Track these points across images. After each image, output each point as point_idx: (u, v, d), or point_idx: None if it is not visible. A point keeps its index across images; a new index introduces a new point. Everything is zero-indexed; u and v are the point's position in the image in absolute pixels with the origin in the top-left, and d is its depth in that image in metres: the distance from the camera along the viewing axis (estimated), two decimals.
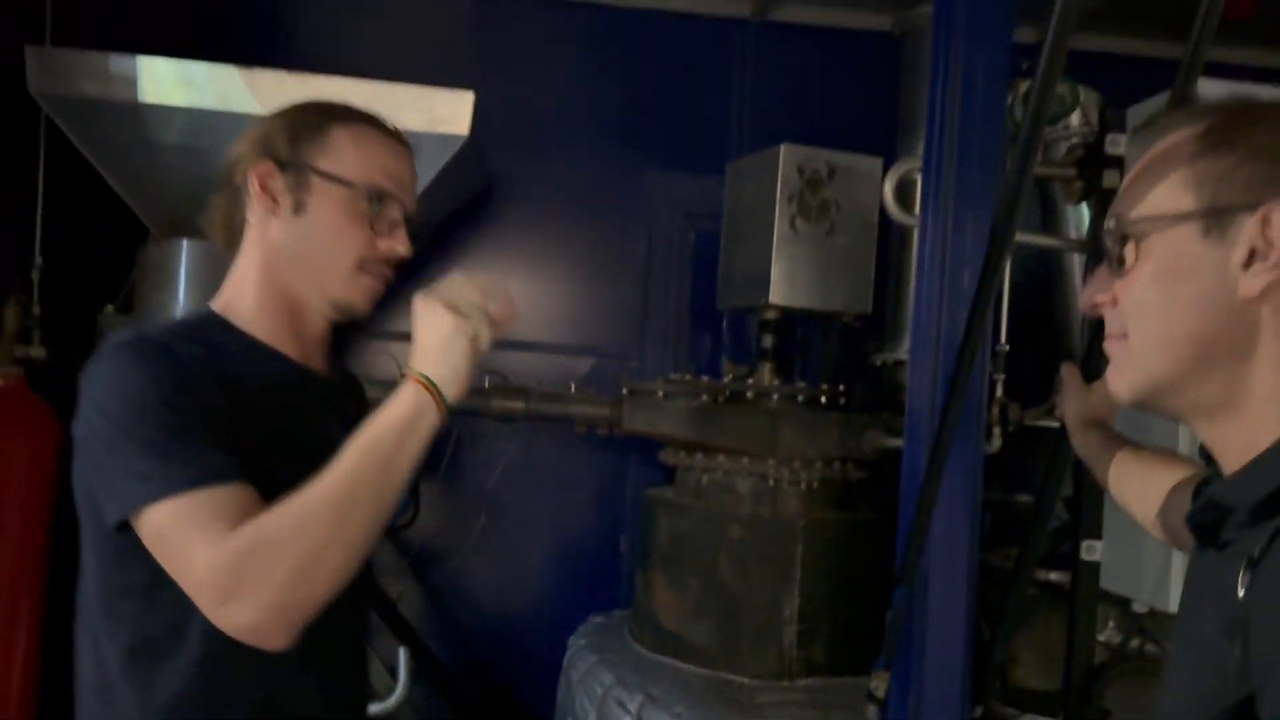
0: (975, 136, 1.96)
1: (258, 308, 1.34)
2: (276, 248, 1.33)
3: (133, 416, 1.16)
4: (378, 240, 1.35)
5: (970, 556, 1.98)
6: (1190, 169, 0.88)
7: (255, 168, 1.31)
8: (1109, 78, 2.88)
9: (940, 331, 1.96)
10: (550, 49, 3.75)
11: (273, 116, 1.36)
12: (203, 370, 1.23)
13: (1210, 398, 0.90)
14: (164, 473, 1.13)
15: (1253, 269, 0.85)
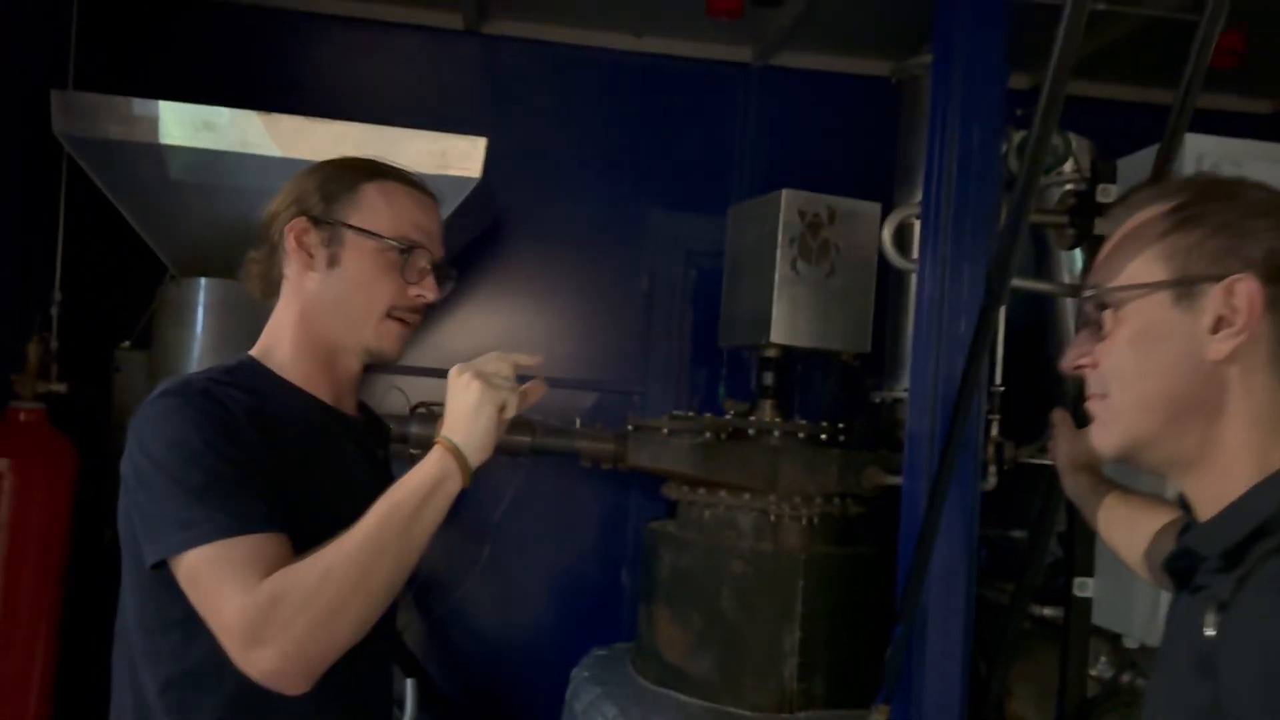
0: (971, 191, 2.04)
1: (294, 355, 1.41)
2: (312, 299, 1.40)
3: (176, 462, 1.22)
4: (408, 288, 1.41)
5: (968, 592, 2.05)
6: (1162, 243, 0.97)
7: (291, 225, 1.38)
8: (1103, 124, 2.98)
9: (938, 375, 2.03)
10: (558, 92, 3.86)
11: (306, 175, 1.43)
12: (245, 415, 1.29)
13: (1185, 453, 0.97)
14: (203, 520, 1.19)
15: (1220, 334, 0.93)
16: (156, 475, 1.23)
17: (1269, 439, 0.95)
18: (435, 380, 3.65)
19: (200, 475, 1.21)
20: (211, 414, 1.26)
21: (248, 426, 1.28)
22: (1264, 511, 0.91)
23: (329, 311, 1.40)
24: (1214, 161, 2.29)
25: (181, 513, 1.20)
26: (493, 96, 3.82)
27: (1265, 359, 0.94)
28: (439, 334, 3.78)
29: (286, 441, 1.32)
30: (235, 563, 1.17)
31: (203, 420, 1.25)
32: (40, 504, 2.60)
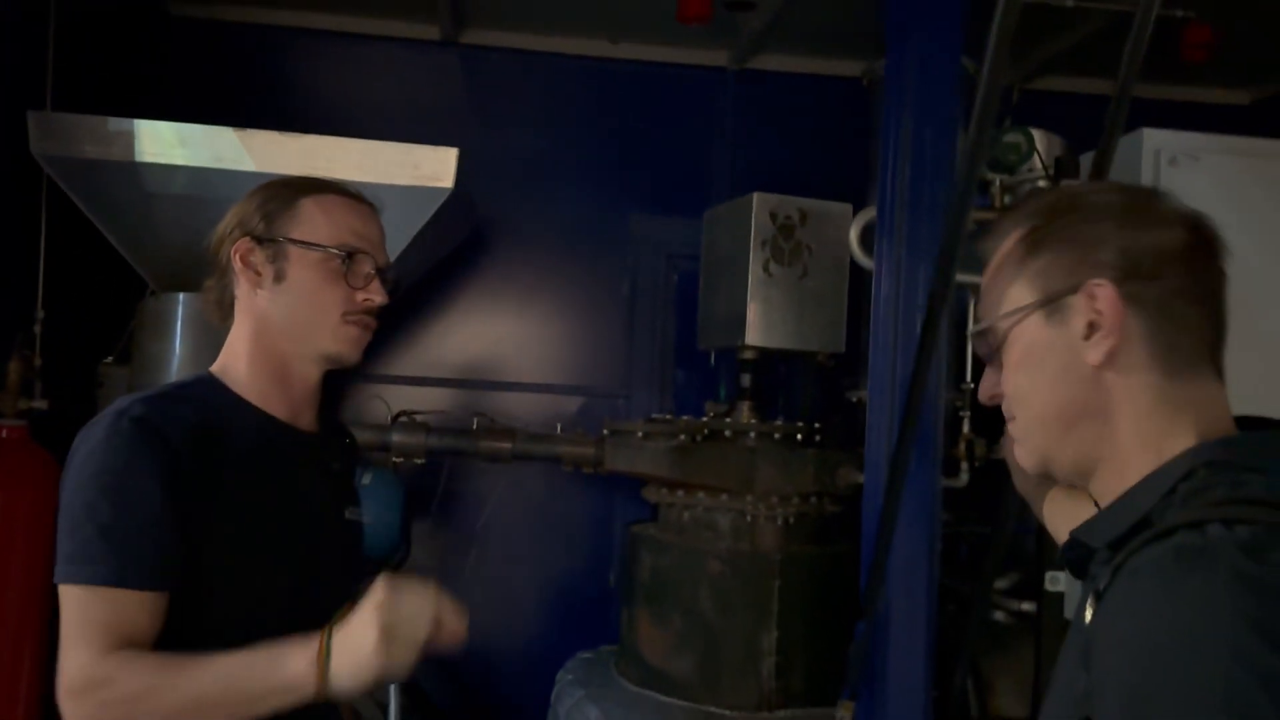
0: (925, 190, 2.07)
1: (250, 372, 1.44)
2: (264, 315, 1.44)
3: (90, 495, 1.27)
4: (355, 293, 1.44)
5: (930, 588, 2.07)
6: (1022, 268, 1.01)
7: (236, 246, 1.42)
8: (1075, 119, 2.99)
9: (895, 373, 2.06)
10: (536, 100, 3.89)
11: (247, 199, 1.48)
12: (186, 436, 1.31)
13: (1086, 458, 1.01)
14: (88, 560, 1.26)
15: (1093, 339, 0.96)
16: (73, 500, 1.29)
17: (1159, 433, 0.96)
18: (417, 389, 3.70)
19: (106, 516, 1.26)
20: (146, 454, 1.29)
21: (183, 452, 1.30)
22: (1147, 503, 0.93)
23: (282, 324, 1.44)
24: (1171, 155, 2.31)
25: (74, 546, 1.27)
26: (471, 106, 3.86)
27: (1141, 356, 0.96)
28: (423, 343, 3.82)
29: (233, 458, 1.36)
30: (96, 617, 1.25)
31: (133, 460, 1.28)
32: (24, 520, 2.64)
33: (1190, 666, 0.78)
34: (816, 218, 3.03)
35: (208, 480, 1.31)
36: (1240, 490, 0.88)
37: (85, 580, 1.25)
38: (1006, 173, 2.76)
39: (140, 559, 1.26)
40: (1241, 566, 0.80)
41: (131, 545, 1.26)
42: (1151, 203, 1.00)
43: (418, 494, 3.58)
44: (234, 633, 1.30)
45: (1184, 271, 0.96)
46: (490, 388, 3.83)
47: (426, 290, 3.74)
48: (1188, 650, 0.79)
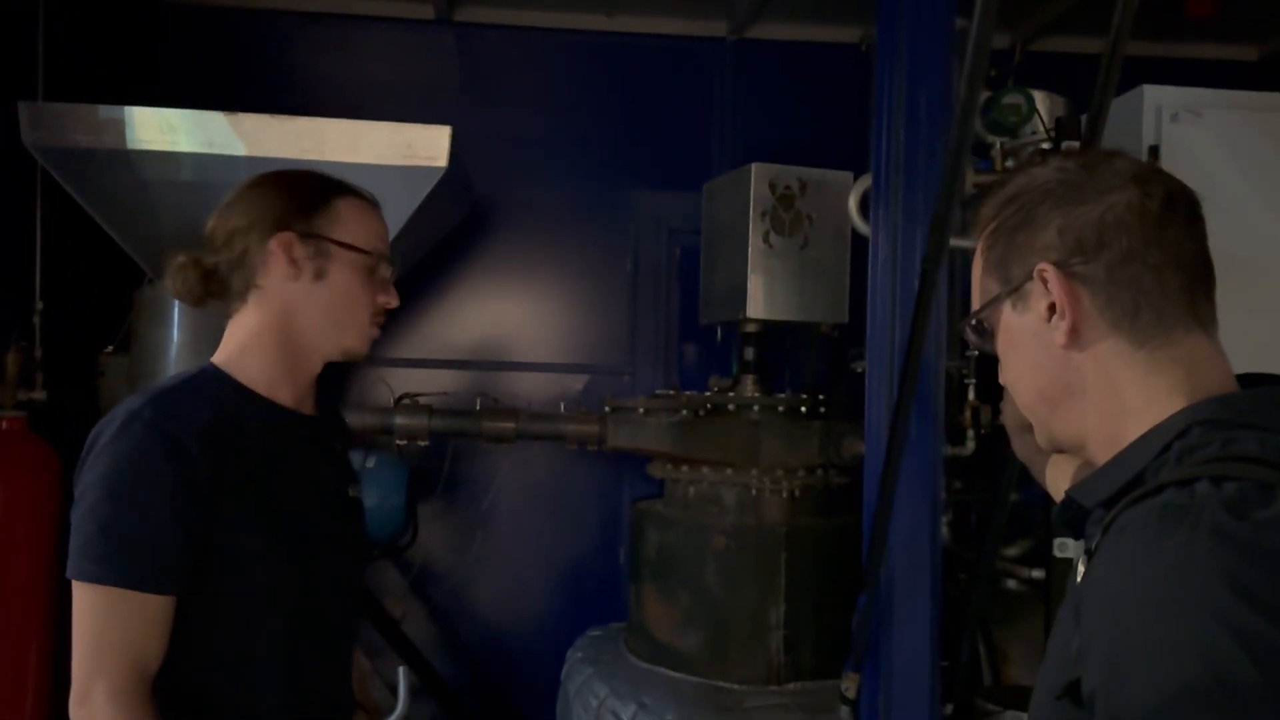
0: (920, 155, 2.03)
1: (262, 362, 1.45)
2: (293, 308, 1.45)
3: (112, 496, 1.28)
4: (377, 295, 1.50)
5: (933, 557, 2.04)
6: (987, 260, 1.04)
7: (280, 239, 1.43)
8: (1080, 80, 2.94)
9: (894, 339, 2.02)
10: (530, 76, 3.85)
11: (268, 188, 1.48)
12: (199, 437, 1.32)
13: (1077, 434, 1.02)
14: (104, 562, 1.27)
15: (1054, 320, 0.97)
16: (95, 499, 1.29)
17: (1143, 400, 0.95)
18: (420, 371, 3.69)
19: (128, 518, 1.28)
20: (148, 454, 1.30)
21: (195, 452, 1.31)
22: (1140, 462, 0.92)
23: (313, 320, 1.46)
24: (1173, 111, 2.26)
25: (97, 546, 1.28)
26: (467, 86, 3.83)
27: (1105, 328, 0.96)
28: (426, 326, 3.81)
29: (246, 451, 1.38)
30: (109, 625, 1.28)
31: (137, 461, 1.30)
32: (25, 510, 2.65)
33: (1169, 624, 0.76)
34: (816, 187, 2.99)
35: (222, 477, 1.33)
36: (1232, 447, 0.86)
37: (100, 579, 1.27)
38: (1008, 135, 2.71)
39: (153, 564, 1.29)
40: (1224, 524, 0.78)
41: (145, 550, 1.28)
42: (1092, 174, 0.98)
43: (423, 476, 3.57)
44: (254, 619, 1.38)
45: (1135, 235, 0.94)
46: (494, 368, 3.82)
47: (428, 272, 3.72)
48: (1167, 608, 0.77)
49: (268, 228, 1.43)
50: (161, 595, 1.29)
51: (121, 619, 1.28)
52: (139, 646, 1.29)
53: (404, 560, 3.60)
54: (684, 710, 2.60)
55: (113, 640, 1.27)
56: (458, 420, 3.19)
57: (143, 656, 1.29)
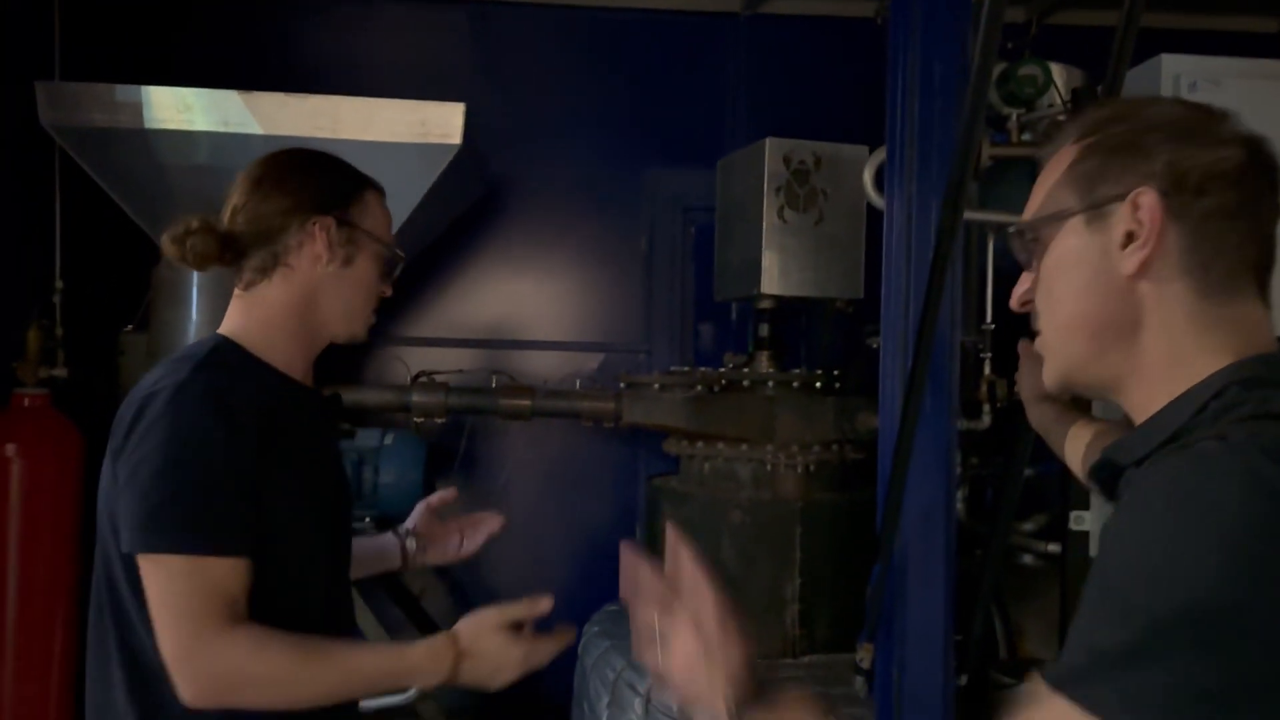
0: (935, 125, 2.02)
1: (283, 338, 1.49)
2: (319, 291, 1.49)
3: (178, 464, 1.30)
4: (381, 286, 1.57)
5: (948, 530, 2.05)
6: (1070, 172, 0.99)
7: (322, 222, 1.47)
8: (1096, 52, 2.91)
9: (909, 313, 2.02)
10: (543, 54, 3.85)
11: (314, 172, 1.52)
12: (252, 417, 1.36)
13: (1114, 373, 1.00)
14: (181, 529, 1.29)
15: (1129, 249, 0.95)
16: (157, 470, 1.30)
17: (1191, 351, 0.95)
18: (435, 350, 3.70)
19: (194, 487, 1.30)
20: (223, 425, 1.33)
21: (247, 422, 1.35)
22: (1177, 421, 0.92)
23: (334, 303, 1.51)
24: (1191, 80, 2.24)
25: (166, 516, 1.29)
26: (481, 65, 3.82)
27: (1176, 270, 0.95)
28: (441, 304, 3.82)
29: (281, 424, 1.41)
30: (197, 586, 1.28)
31: (213, 429, 1.32)
32: (49, 486, 2.69)
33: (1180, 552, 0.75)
34: (831, 162, 2.98)
35: (269, 450, 1.36)
36: (1267, 405, 0.86)
37: (173, 549, 1.28)
38: (1024, 107, 2.69)
39: (224, 528, 1.31)
40: (1258, 466, 0.77)
41: (215, 516, 1.31)
42: (1210, 121, 0.98)
43: (440, 454, 3.59)
44: (291, 590, 1.41)
45: (1232, 192, 0.94)
46: (510, 347, 3.83)
47: (443, 251, 3.72)
48: (1181, 535, 0.76)
49: (309, 210, 1.47)
50: (241, 559, 1.31)
51: (212, 584, 1.28)
52: (227, 602, 1.29)
53: None
54: None
55: (194, 606, 1.27)
56: (474, 398, 3.20)
57: (232, 609, 1.29)
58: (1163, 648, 0.73)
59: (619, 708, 2.77)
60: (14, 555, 2.64)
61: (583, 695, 3.04)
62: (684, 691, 1.07)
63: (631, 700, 2.73)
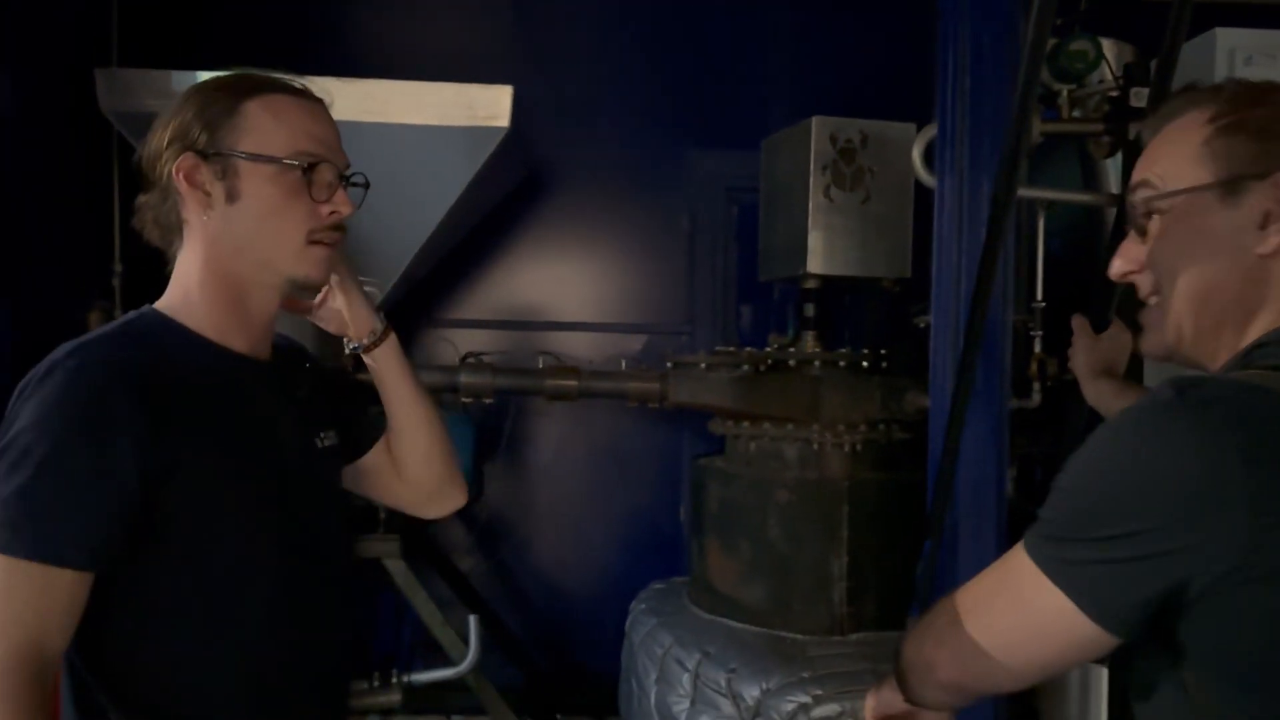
0: (986, 100, 2.01)
1: (205, 304, 1.29)
2: (218, 240, 1.27)
3: (27, 454, 1.12)
4: (319, 207, 1.29)
5: (999, 506, 2.05)
6: (1205, 147, 1.02)
7: (178, 165, 1.24)
8: (1148, 27, 2.87)
9: (959, 291, 2.02)
10: (585, 36, 3.86)
11: (181, 103, 1.29)
12: (142, 401, 1.16)
13: (1222, 349, 1.03)
14: (19, 527, 1.11)
15: (1269, 229, 0.99)
16: (13, 456, 1.13)
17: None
18: (483, 331, 3.74)
19: (44, 481, 1.12)
20: (92, 412, 1.14)
21: (128, 403, 1.15)
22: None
23: (239, 249, 1.28)
24: (1247, 54, 2.21)
25: (8, 509, 1.12)
26: (524, 48, 3.84)
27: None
28: (486, 287, 3.86)
29: (188, 399, 1.22)
30: (22, 593, 1.11)
31: (79, 417, 1.14)
32: None
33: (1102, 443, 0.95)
34: (878, 139, 2.97)
35: (163, 429, 1.17)
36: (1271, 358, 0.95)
37: (11, 551, 1.10)
38: (1074, 82, 2.66)
39: (62, 533, 1.12)
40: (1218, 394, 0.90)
41: (60, 518, 1.12)
42: None
43: (487, 434, 3.64)
44: (230, 584, 1.25)
45: None
46: (553, 328, 3.86)
47: (487, 233, 3.76)
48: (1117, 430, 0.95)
49: (175, 152, 1.25)
50: (74, 570, 1.12)
51: (21, 592, 1.10)
52: (37, 624, 1.10)
53: (470, 515, 3.68)
54: (748, 659, 2.64)
55: (5, 615, 1.10)
56: (521, 378, 3.24)
57: (40, 636, 1.10)
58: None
59: (667, 683, 2.80)
60: None
61: (631, 671, 3.08)
62: None
63: (680, 675, 2.76)
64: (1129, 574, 0.90)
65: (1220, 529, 0.85)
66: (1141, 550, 0.89)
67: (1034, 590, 0.95)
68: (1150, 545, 0.88)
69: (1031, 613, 0.97)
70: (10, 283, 2.79)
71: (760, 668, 2.59)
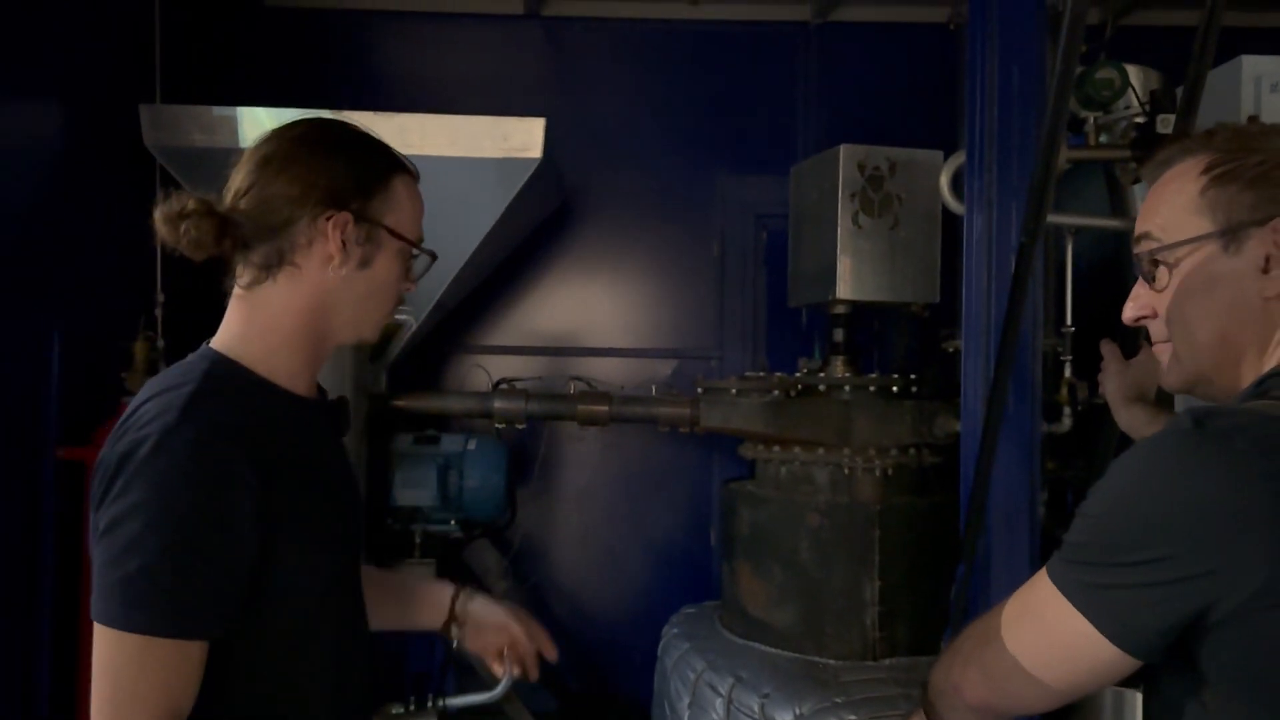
0: (1014, 128, 2.04)
1: (285, 348, 1.30)
2: (329, 294, 1.30)
3: (154, 529, 1.12)
4: (405, 286, 1.38)
5: (1032, 530, 2.06)
6: (1203, 198, 1.06)
7: (335, 219, 1.27)
8: (1173, 53, 2.90)
9: (990, 317, 2.04)
10: (619, 68, 3.93)
11: (330, 156, 1.30)
12: (251, 471, 1.17)
13: (1239, 383, 1.07)
14: (151, 606, 1.12)
15: (1272, 273, 1.03)
16: (133, 533, 1.12)
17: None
18: (516, 358, 3.79)
19: (166, 560, 1.12)
20: (211, 485, 1.15)
21: (248, 474, 1.17)
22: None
23: (345, 308, 1.32)
24: (1273, 81, 2.23)
25: (131, 588, 1.11)
26: (556, 78, 3.92)
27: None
28: (518, 314, 3.92)
29: (289, 462, 1.25)
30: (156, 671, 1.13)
31: (199, 491, 1.14)
32: None
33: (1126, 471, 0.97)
34: (906, 167, 3.00)
35: (272, 496, 1.19)
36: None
37: (130, 627, 1.11)
38: (1100, 110, 2.68)
39: (195, 608, 1.14)
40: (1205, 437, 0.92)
41: (180, 594, 1.13)
42: None
43: (519, 459, 3.68)
44: (305, 634, 1.27)
45: None
46: (584, 354, 3.91)
47: (520, 262, 3.82)
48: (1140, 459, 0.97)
49: (321, 202, 1.26)
50: (198, 641, 1.15)
51: (159, 668, 1.12)
52: (176, 694, 1.14)
53: (503, 540, 3.71)
54: (781, 684, 2.65)
55: (147, 691, 1.12)
56: (553, 404, 3.28)
57: (178, 704, 1.14)
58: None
59: (700, 708, 2.81)
60: None
61: (663, 695, 3.09)
62: None
63: (713, 700, 2.77)
64: (1153, 599, 0.92)
65: (1244, 554, 0.87)
66: (1165, 575, 0.91)
67: (1056, 614, 0.98)
68: (1174, 571, 0.90)
69: (1055, 635, 1.00)
70: (60, 311, 2.87)
71: (793, 692, 2.60)
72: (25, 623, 2.76)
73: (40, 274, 2.82)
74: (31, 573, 2.77)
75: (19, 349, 2.74)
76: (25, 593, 2.75)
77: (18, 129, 2.78)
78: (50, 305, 2.85)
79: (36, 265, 2.81)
